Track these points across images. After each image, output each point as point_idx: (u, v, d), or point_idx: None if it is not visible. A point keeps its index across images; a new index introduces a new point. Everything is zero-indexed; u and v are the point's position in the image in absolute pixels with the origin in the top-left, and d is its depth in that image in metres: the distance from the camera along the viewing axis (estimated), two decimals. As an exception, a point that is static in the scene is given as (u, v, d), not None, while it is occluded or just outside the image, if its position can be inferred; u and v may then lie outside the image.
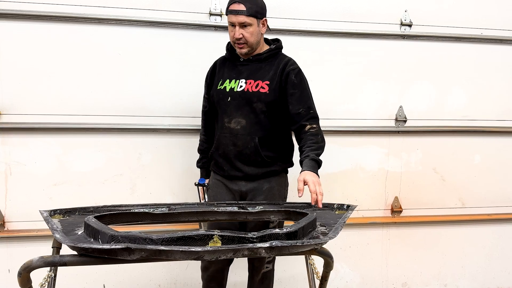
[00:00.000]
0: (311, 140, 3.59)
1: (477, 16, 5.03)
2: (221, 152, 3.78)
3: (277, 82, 3.68)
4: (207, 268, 3.94)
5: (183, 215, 2.98)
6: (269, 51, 3.81)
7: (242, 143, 3.68)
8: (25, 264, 2.10)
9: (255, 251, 2.05)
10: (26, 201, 4.36)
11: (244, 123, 3.68)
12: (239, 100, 3.69)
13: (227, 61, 3.92)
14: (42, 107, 4.31)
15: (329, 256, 2.55)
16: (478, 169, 5.22)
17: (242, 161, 3.72)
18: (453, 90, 5.07)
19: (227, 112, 3.73)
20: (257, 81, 3.70)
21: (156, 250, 1.94)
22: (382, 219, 5.07)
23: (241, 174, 3.74)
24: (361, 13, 4.82)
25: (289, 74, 3.70)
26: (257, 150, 3.67)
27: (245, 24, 3.59)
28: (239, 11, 3.55)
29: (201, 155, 4.12)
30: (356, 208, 3.08)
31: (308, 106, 3.70)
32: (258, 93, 3.66)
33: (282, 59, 3.83)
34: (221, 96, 3.76)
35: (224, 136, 3.74)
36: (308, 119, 3.67)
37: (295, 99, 3.68)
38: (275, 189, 3.79)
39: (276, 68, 3.74)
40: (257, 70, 3.76)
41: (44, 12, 4.24)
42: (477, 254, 5.35)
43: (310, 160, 3.41)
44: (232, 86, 3.74)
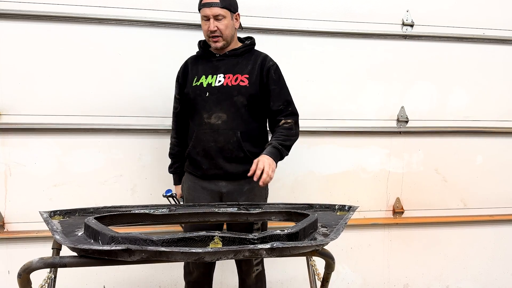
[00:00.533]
0: (280, 132, 3.70)
1: (479, 16, 5.03)
2: (200, 150, 3.74)
3: (257, 76, 3.73)
4: (191, 273, 3.95)
5: (184, 216, 2.98)
6: (244, 46, 3.85)
7: (224, 138, 3.66)
8: (25, 265, 2.09)
9: (256, 252, 2.05)
10: (26, 202, 4.36)
11: (225, 118, 3.67)
12: (218, 95, 3.69)
13: (199, 59, 3.92)
14: (42, 108, 4.32)
15: (331, 257, 2.55)
16: (480, 170, 5.22)
17: (224, 157, 3.69)
18: (455, 91, 5.07)
19: (206, 107, 3.71)
20: (236, 74, 3.72)
21: (157, 252, 1.94)
22: (383, 220, 5.07)
23: (221, 172, 3.70)
24: (363, 13, 4.82)
25: (269, 70, 3.77)
26: (239, 145, 3.67)
27: (219, 17, 3.63)
28: (212, 3, 3.59)
29: (173, 159, 4.08)
30: (357, 209, 3.07)
31: (288, 102, 3.81)
32: (238, 86, 3.68)
33: (259, 54, 3.88)
34: (198, 92, 3.75)
35: (203, 132, 3.71)
36: (286, 115, 3.77)
37: (275, 95, 3.76)
38: (256, 190, 3.76)
39: (254, 63, 3.78)
40: (235, 65, 3.78)
41: (44, 12, 4.24)
42: (479, 256, 5.35)
43: (271, 147, 3.55)
44: (209, 82, 3.73)
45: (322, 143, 4.86)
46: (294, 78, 4.65)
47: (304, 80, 4.75)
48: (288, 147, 3.68)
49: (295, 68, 4.70)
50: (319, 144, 4.84)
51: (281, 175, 4.76)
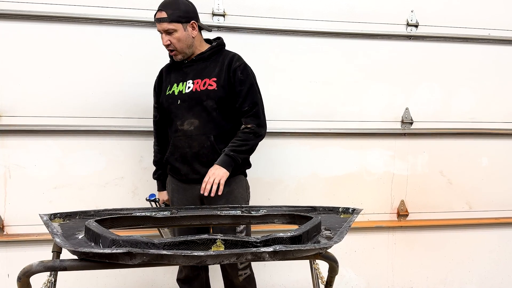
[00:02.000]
0: (238, 137, 3.75)
1: (484, 16, 5.03)
2: (177, 156, 3.80)
3: (225, 79, 3.75)
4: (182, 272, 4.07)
5: (186, 219, 2.97)
6: (211, 49, 3.85)
7: (198, 143, 3.72)
8: (24, 268, 2.09)
9: (259, 255, 2.04)
10: (25, 205, 4.36)
11: (197, 123, 3.72)
12: (189, 101, 3.73)
13: (172, 67, 3.96)
14: (42, 109, 4.32)
15: (334, 260, 2.54)
16: (485, 172, 5.21)
17: (200, 162, 3.74)
18: (460, 92, 5.06)
19: (179, 115, 3.76)
20: (204, 79, 3.75)
21: (158, 255, 1.93)
22: (388, 223, 5.07)
23: (199, 176, 3.73)
24: (366, 13, 4.82)
25: (236, 71, 3.77)
26: (214, 149, 3.72)
27: (169, 31, 3.65)
28: (161, 18, 3.62)
29: (156, 166, 4.12)
30: (361, 211, 3.07)
31: (254, 103, 3.80)
32: (206, 91, 3.71)
33: (227, 55, 3.88)
34: (170, 101, 3.80)
35: (178, 139, 3.77)
36: (249, 116, 3.78)
37: (242, 96, 3.77)
38: (236, 192, 3.82)
39: (221, 65, 3.80)
40: (203, 69, 3.80)
41: (44, 13, 4.25)
42: (484, 259, 5.34)
43: (224, 155, 3.66)
44: (180, 89, 3.78)
45: (326, 144, 4.85)
46: (297, 79, 4.66)
47: (307, 81, 4.75)
48: (243, 152, 3.73)
49: (298, 69, 4.70)
50: (322, 146, 4.84)
51: (284, 177, 4.77)
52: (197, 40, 3.81)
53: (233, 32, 4.50)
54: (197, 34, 3.80)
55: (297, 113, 4.74)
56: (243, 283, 3.96)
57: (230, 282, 4.00)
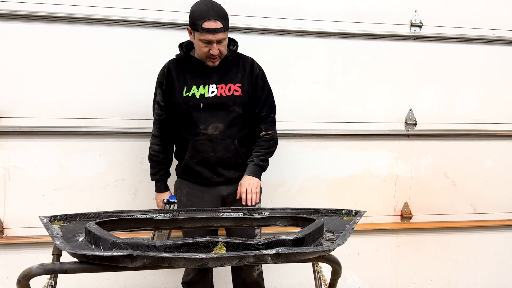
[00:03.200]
0: (261, 146, 3.91)
1: (489, 17, 5.02)
2: (198, 160, 3.80)
3: (248, 84, 3.84)
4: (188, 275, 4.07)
5: (187, 221, 2.98)
6: (232, 53, 3.86)
7: (223, 147, 3.77)
8: (24, 271, 2.09)
9: (261, 258, 2.05)
10: (25, 207, 4.36)
11: (222, 128, 3.75)
12: (213, 106, 3.74)
13: (183, 65, 3.89)
14: (42, 110, 4.32)
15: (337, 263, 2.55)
16: (490, 173, 5.21)
17: (223, 166, 3.81)
18: (465, 93, 5.06)
19: (201, 119, 3.75)
20: (228, 84, 3.78)
21: (159, 257, 1.94)
22: (391, 225, 5.06)
23: (223, 179, 3.83)
24: (370, 13, 4.81)
25: (258, 78, 3.90)
26: (237, 152, 3.81)
27: (221, 40, 3.62)
28: (218, 29, 3.54)
29: (158, 166, 4.00)
30: (364, 214, 3.07)
31: (272, 109, 4.00)
32: (233, 96, 3.76)
33: (245, 59, 3.95)
34: (191, 104, 3.76)
35: (201, 143, 3.76)
36: (267, 122, 3.94)
37: (262, 101, 3.92)
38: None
39: (243, 70, 3.87)
40: (225, 74, 3.82)
41: (44, 13, 4.24)
42: (489, 261, 5.33)
43: (253, 165, 3.81)
44: (202, 92, 3.76)
45: (328, 146, 4.85)
46: (299, 80, 4.66)
47: (310, 82, 4.74)
48: (267, 160, 3.93)
49: (301, 70, 4.70)
50: (325, 147, 4.83)
51: (286, 179, 4.76)
52: None
53: (235, 32, 4.48)
54: None
55: (299, 114, 4.74)
56: (257, 279, 4.02)
57: (243, 281, 4.03)
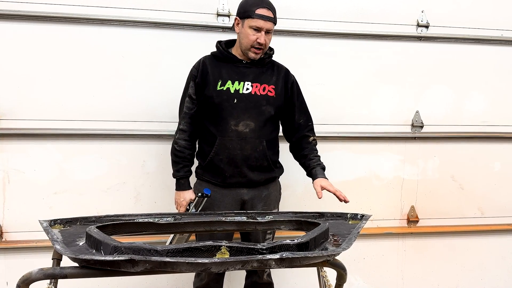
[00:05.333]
0: (316, 151, 4.02)
1: (497, 17, 5.01)
2: (224, 157, 3.77)
3: (281, 88, 3.90)
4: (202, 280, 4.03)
5: (190, 225, 2.97)
6: (269, 57, 3.95)
7: (251, 146, 3.77)
8: (24, 276, 2.09)
9: (265, 262, 2.04)
10: (25, 211, 4.36)
11: (253, 126, 3.76)
12: (247, 103, 3.77)
13: (219, 61, 3.91)
14: (41, 112, 4.32)
15: (342, 268, 2.54)
16: (498, 177, 5.20)
17: (249, 166, 3.79)
18: (472, 95, 5.05)
19: (233, 114, 3.75)
20: (263, 84, 3.84)
21: (161, 262, 1.93)
22: (397, 229, 5.06)
23: (244, 180, 3.80)
24: (376, 13, 4.81)
25: (293, 84, 4.01)
26: (264, 154, 3.81)
27: (270, 31, 3.73)
28: (269, 17, 3.69)
29: (183, 162, 3.90)
30: (370, 217, 3.07)
31: (308, 117, 4.10)
32: (266, 96, 3.81)
33: (280, 66, 4.06)
34: (225, 98, 3.76)
35: (229, 139, 3.75)
36: (309, 130, 4.06)
37: (299, 108, 4.03)
38: (272, 195, 3.97)
39: (277, 75, 3.95)
40: (261, 74, 3.88)
41: (44, 13, 4.24)
42: (497, 266, 5.32)
43: (321, 168, 3.90)
44: (236, 88, 3.78)
45: (334, 148, 4.85)
46: (304, 81, 4.63)
47: (315, 83, 4.74)
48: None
49: (306, 71, 4.68)
50: (330, 150, 4.83)
51: (291, 183, 4.75)
52: None
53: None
54: None
55: (304, 116, 4.74)
56: (267, 279, 4.09)
57: (254, 283, 4.07)
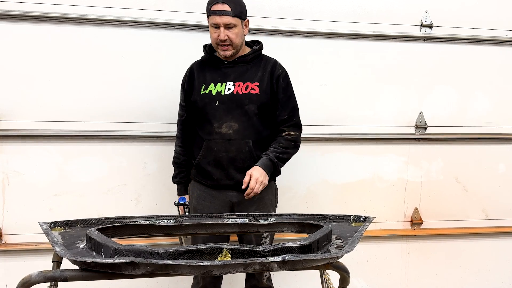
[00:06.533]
0: (280, 143, 3.80)
1: (501, 17, 5.01)
2: (211, 160, 3.77)
3: (267, 84, 3.80)
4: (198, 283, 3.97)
5: (191, 228, 2.97)
6: (253, 52, 3.88)
7: (236, 147, 3.73)
8: (23, 279, 2.09)
9: (267, 265, 2.04)
10: (24, 213, 4.36)
11: (236, 127, 3.72)
12: (229, 104, 3.73)
13: (205, 65, 3.93)
14: (41, 113, 4.32)
15: (345, 270, 2.53)
16: (502, 178, 5.20)
17: (236, 167, 3.75)
18: (476, 95, 5.05)
19: (216, 116, 3.74)
20: (246, 83, 3.77)
21: (162, 265, 1.93)
22: (401, 231, 5.06)
23: (232, 182, 3.75)
24: (379, 14, 4.81)
25: (279, 78, 3.84)
26: (251, 155, 3.74)
27: (230, 25, 3.64)
28: (224, 11, 3.60)
29: (178, 169, 4.07)
30: (373, 220, 3.06)
31: (294, 112, 3.91)
32: (249, 94, 3.74)
33: (268, 60, 3.94)
34: (207, 101, 3.77)
35: (214, 142, 3.74)
36: (289, 125, 3.86)
37: (283, 104, 3.85)
38: (265, 199, 3.84)
39: (263, 70, 3.85)
40: (244, 72, 3.82)
41: (44, 13, 4.25)
42: (501, 269, 5.32)
43: (267, 159, 3.66)
44: (218, 90, 3.76)
45: (337, 150, 4.85)
46: (307, 82, 4.66)
47: (317, 84, 4.74)
48: (284, 160, 3.80)
49: (308, 72, 4.70)
50: (333, 151, 4.83)
51: (293, 184, 4.76)
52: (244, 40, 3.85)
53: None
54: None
55: (306, 117, 4.69)
56: (267, 283, 4.01)
57: (253, 287, 4.02)
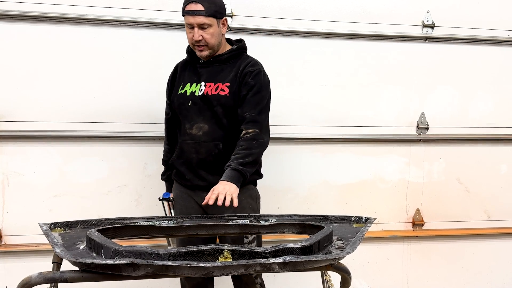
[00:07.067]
0: (240, 146, 3.51)
1: (503, 17, 5.01)
2: (184, 161, 3.72)
3: (237, 85, 3.64)
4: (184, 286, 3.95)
5: (191, 229, 2.97)
6: (230, 52, 3.75)
7: (205, 150, 3.63)
8: (23, 280, 2.09)
9: (268, 266, 2.04)
10: (24, 214, 4.36)
11: (206, 129, 3.63)
12: (200, 105, 3.65)
13: (188, 65, 3.88)
14: (41, 114, 4.33)
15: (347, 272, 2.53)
16: (504, 179, 5.19)
17: (207, 169, 3.66)
18: (479, 96, 5.04)
19: (188, 117, 3.70)
20: (217, 83, 3.65)
21: (163, 266, 1.93)
22: (402, 232, 5.05)
23: (205, 183, 3.62)
24: (380, 14, 4.81)
25: (246, 76, 3.65)
26: (221, 157, 3.59)
27: (204, 26, 3.53)
28: (197, 11, 3.49)
29: (166, 167, 4.05)
30: (375, 221, 3.06)
31: (256, 110, 3.61)
32: (218, 96, 3.61)
33: (244, 60, 3.77)
34: (181, 101, 3.73)
35: (186, 143, 3.70)
36: (246, 122, 3.57)
37: (245, 102, 3.62)
38: (244, 202, 3.64)
39: (237, 69, 3.69)
40: (218, 73, 3.71)
41: (44, 13, 4.25)
42: (504, 270, 5.32)
43: (231, 169, 3.37)
44: (193, 90, 3.70)
45: (338, 151, 4.84)
46: (308, 83, 4.66)
47: (318, 84, 4.74)
48: (250, 163, 3.49)
49: (309, 72, 4.69)
50: (334, 152, 4.83)
51: (294, 185, 4.76)
52: (223, 38, 3.75)
53: (241, 33, 4.47)
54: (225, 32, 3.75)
55: (308, 118, 4.73)
56: None
57: None
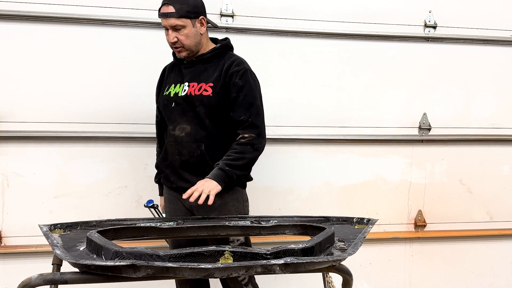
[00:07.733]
0: (233, 149, 3.51)
1: (506, 17, 5.01)
2: (168, 163, 3.71)
3: (221, 85, 3.57)
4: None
5: (192, 230, 2.97)
6: (213, 51, 3.69)
7: (188, 151, 3.59)
8: (23, 282, 2.09)
9: (269, 268, 2.03)
10: (24, 215, 4.36)
11: (188, 130, 3.59)
12: (183, 105, 3.61)
13: (175, 66, 3.85)
14: (41, 115, 4.33)
15: (348, 273, 2.53)
16: (507, 180, 5.19)
17: (189, 171, 3.63)
18: (481, 96, 5.04)
19: (172, 118, 3.68)
20: (200, 83, 3.60)
21: (164, 267, 1.93)
22: (404, 234, 5.05)
23: (189, 185, 3.43)
24: (382, 14, 4.81)
25: (232, 76, 3.58)
26: (204, 159, 3.57)
27: (177, 27, 3.51)
28: (168, 13, 3.47)
29: (157, 169, 3.96)
30: (376, 222, 3.06)
31: (249, 113, 3.58)
32: (200, 96, 3.56)
33: (228, 58, 3.69)
34: (165, 103, 3.71)
35: (170, 144, 3.68)
36: (244, 127, 3.56)
37: (237, 104, 3.57)
38: (229, 205, 3.63)
39: (221, 69, 3.63)
40: (201, 72, 3.66)
41: (44, 13, 4.25)
42: (506, 271, 5.31)
43: (217, 169, 3.38)
44: (176, 91, 3.66)
45: (339, 152, 4.84)
46: (309, 83, 4.65)
47: (320, 85, 4.73)
48: (240, 166, 3.48)
49: (311, 73, 4.69)
50: (336, 153, 4.83)
51: (296, 186, 4.75)
52: (204, 37, 3.69)
53: (242, 33, 4.49)
54: (205, 31, 3.68)
55: (309, 118, 4.73)
56: None
57: None
